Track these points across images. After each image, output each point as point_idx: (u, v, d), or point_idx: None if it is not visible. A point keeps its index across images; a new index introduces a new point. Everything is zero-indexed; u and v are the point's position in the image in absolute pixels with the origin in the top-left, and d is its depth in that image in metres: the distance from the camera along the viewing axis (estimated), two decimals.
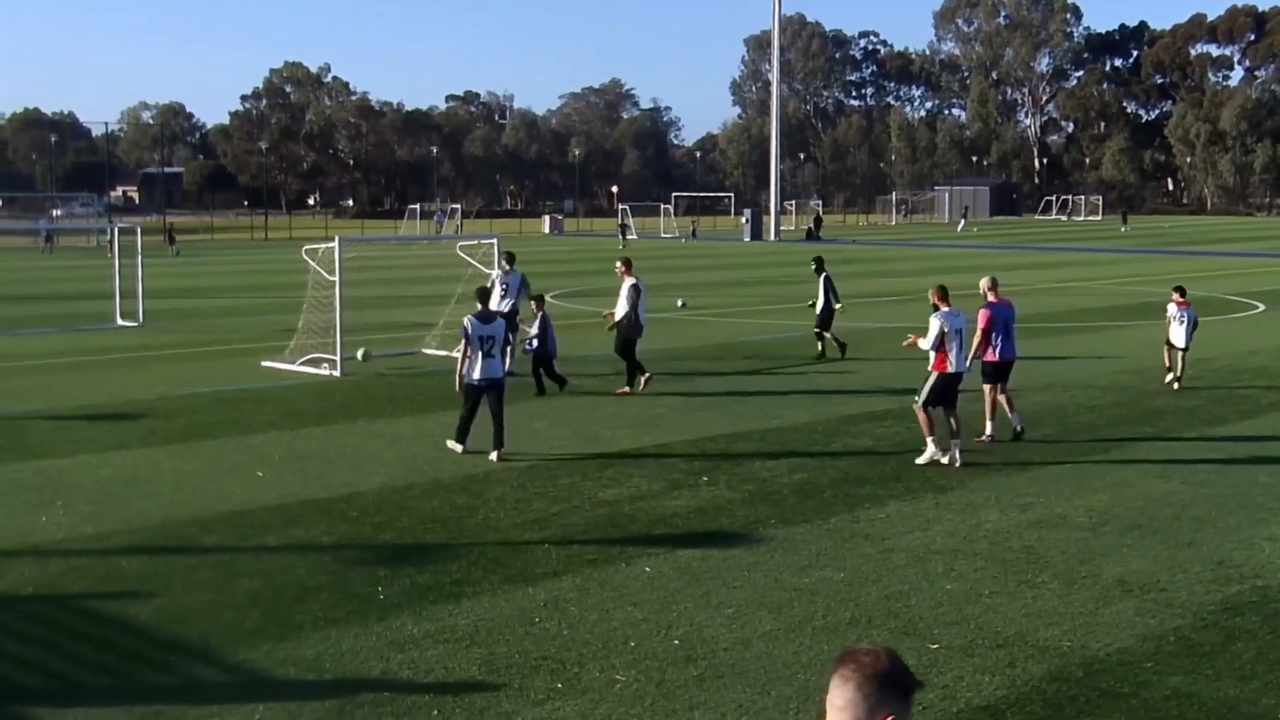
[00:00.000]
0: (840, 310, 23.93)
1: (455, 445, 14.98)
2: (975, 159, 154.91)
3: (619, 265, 20.39)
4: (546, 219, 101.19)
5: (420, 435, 16.07)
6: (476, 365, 14.82)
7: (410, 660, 8.48)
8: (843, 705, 2.97)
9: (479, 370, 14.82)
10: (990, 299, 15.99)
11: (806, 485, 13.43)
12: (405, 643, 8.78)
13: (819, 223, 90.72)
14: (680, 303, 32.04)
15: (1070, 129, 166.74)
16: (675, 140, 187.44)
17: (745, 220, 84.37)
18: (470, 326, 14.83)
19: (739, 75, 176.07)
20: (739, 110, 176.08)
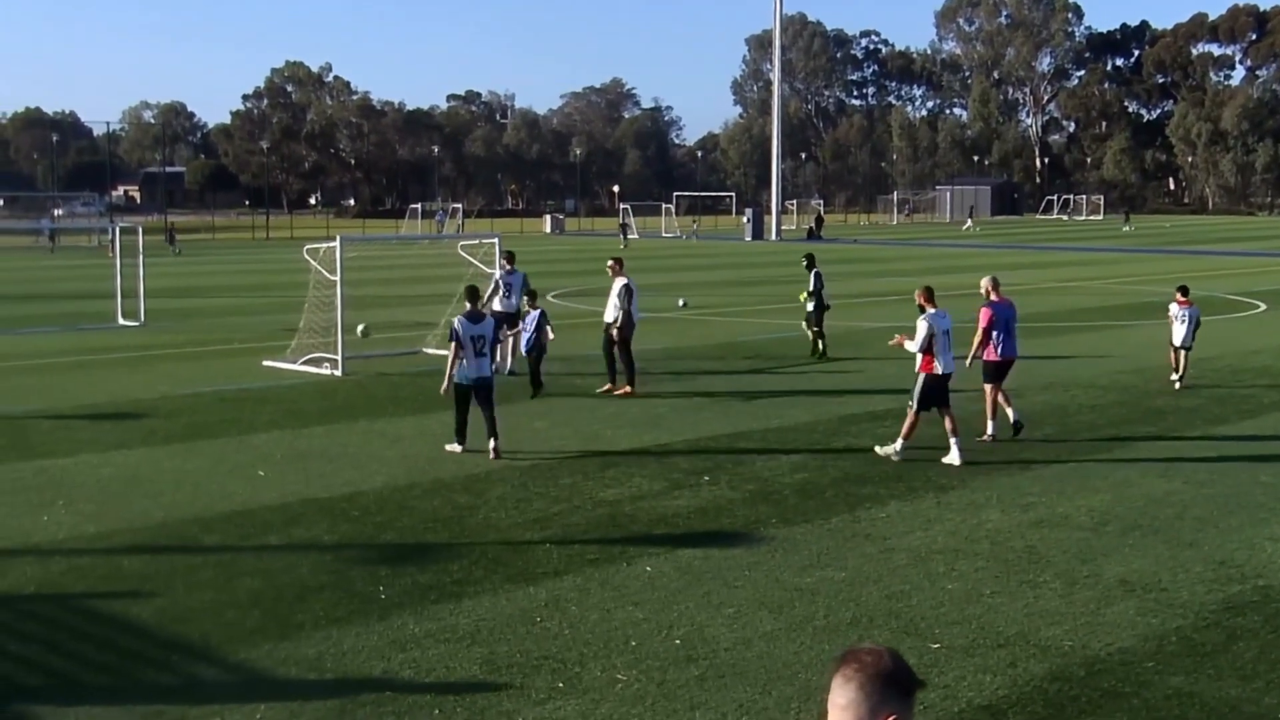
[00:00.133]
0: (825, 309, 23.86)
1: (455, 446, 14.99)
2: (976, 158, 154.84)
3: (610, 264, 20.36)
4: (548, 218, 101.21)
5: (422, 435, 16.07)
6: (469, 365, 14.83)
7: (412, 660, 8.48)
8: (845, 705, 2.97)
9: (470, 370, 14.84)
10: (992, 298, 16.01)
11: (808, 485, 13.43)
12: (407, 642, 8.79)
13: (820, 222, 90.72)
14: (681, 302, 32.04)
15: (1071, 128, 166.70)
16: (676, 140, 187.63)
17: (746, 220, 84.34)
18: (460, 327, 14.83)
19: (740, 75, 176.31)
20: (740, 110, 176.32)
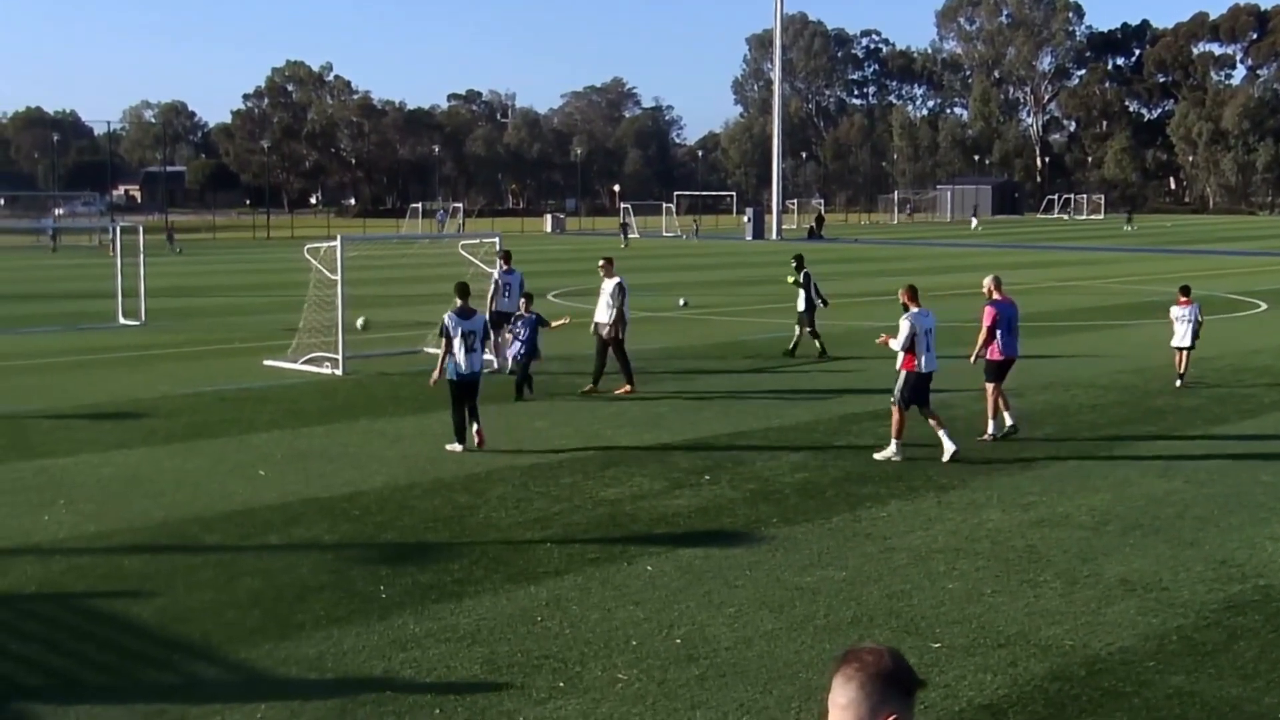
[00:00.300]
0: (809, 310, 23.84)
1: (455, 446, 14.99)
2: (977, 158, 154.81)
3: (601, 263, 20.26)
4: (548, 218, 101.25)
5: (422, 434, 16.06)
6: (459, 361, 14.89)
7: (412, 659, 8.48)
8: (845, 704, 2.97)
9: (461, 366, 14.91)
10: (995, 297, 16.03)
11: (808, 484, 13.43)
12: (407, 642, 8.79)
13: (821, 222, 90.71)
14: (682, 301, 32.05)
15: (1072, 128, 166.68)
16: (677, 139, 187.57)
17: (747, 219, 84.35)
18: (450, 323, 14.90)
19: (741, 74, 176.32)
20: (741, 109, 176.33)
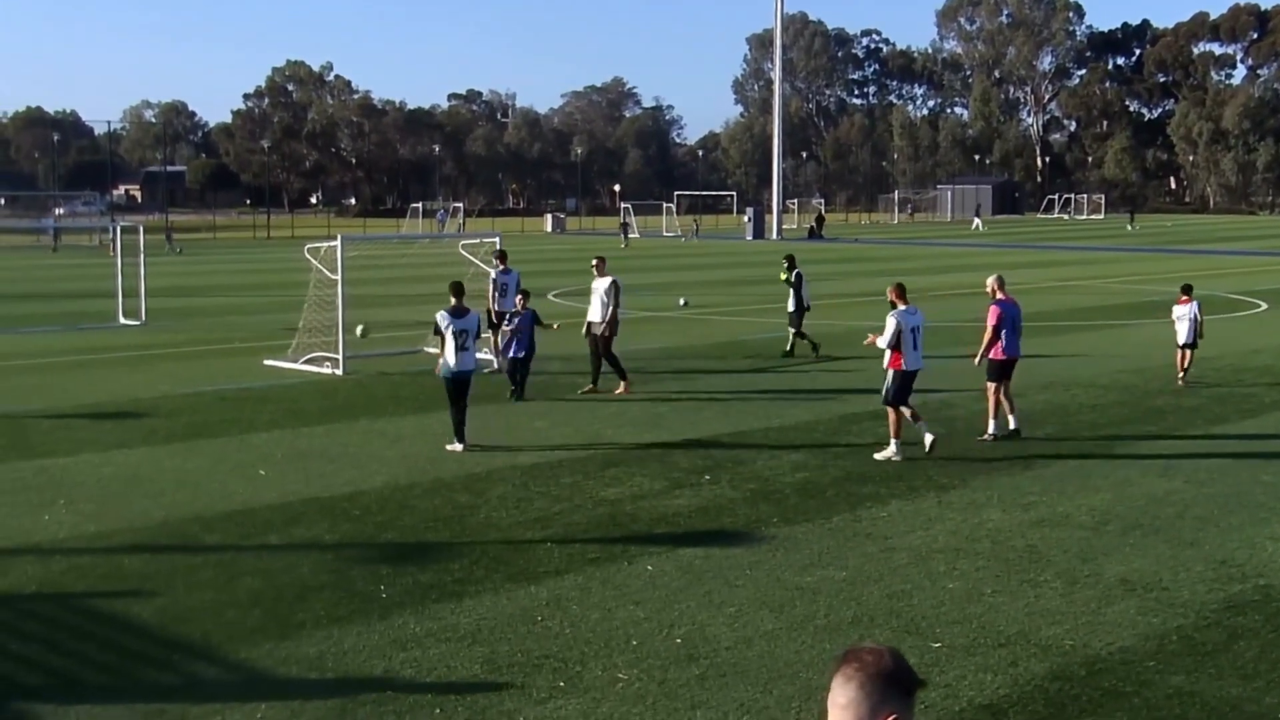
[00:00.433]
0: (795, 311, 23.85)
1: (455, 446, 15.00)
2: (978, 157, 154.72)
3: (594, 263, 20.20)
4: (549, 218, 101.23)
5: (422, 434, 16.06)
6: (451, 359, 14.96)
7: (412, 659, 8.48)
8: (845, 704, 2.97)
9: (453, 364, 15.02)
10: (999, 296, 16.05)
11: (809, 484, 13.43)
12: (407, 641, 8.79)
13: (821, 221, 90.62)
14: (682, 301, 32.04)
15: (1072, 127, 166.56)
16: (677, 139, 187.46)
17: (747, 219, 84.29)
18: (443, 321, 14.98)
19: (741, 74, 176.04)
20: (741, 109, 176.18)
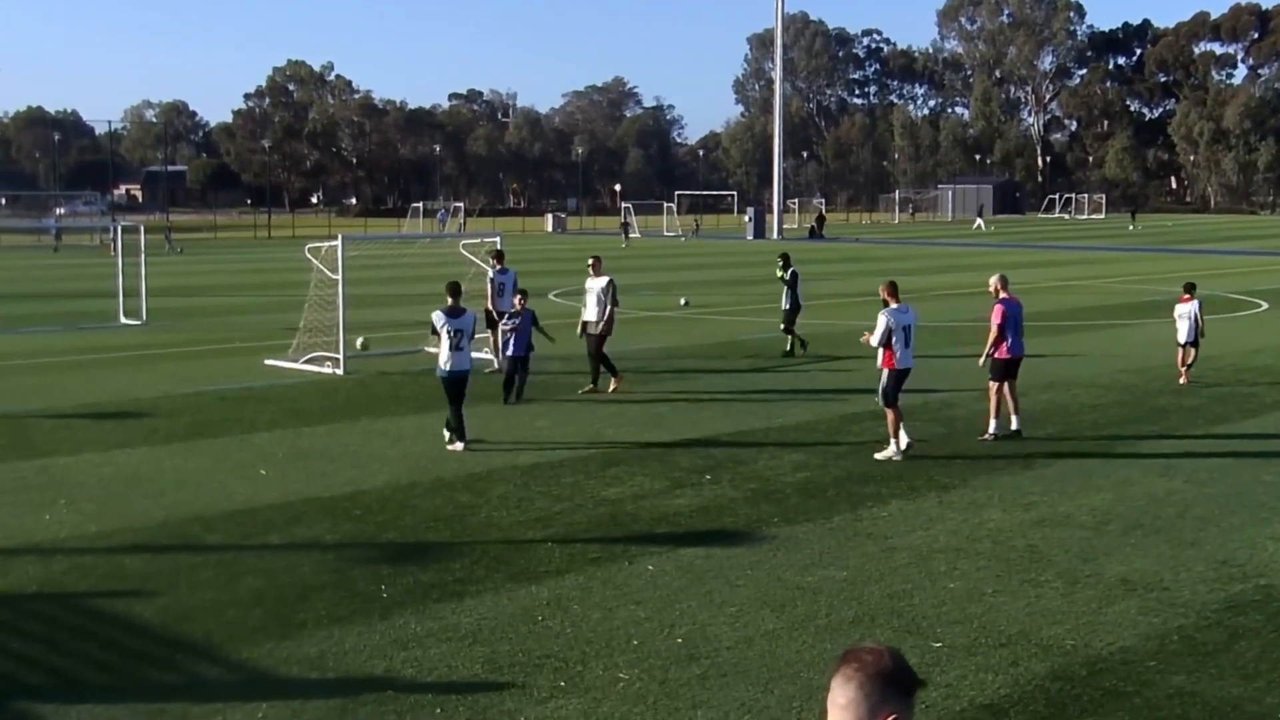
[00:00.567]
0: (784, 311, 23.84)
1: (456, 445, 15.01)
2: (978, 157, 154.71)
3: (590, 262, 20.12)
4: (549, 217, 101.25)
5: (423, 433, 16.06)
6: (446, 358, 15.00)
7: (413, 659, 8.49)
8: (845, 704, 2.97)
9: (449, 363, 15.05)
10: (1002, 295, 16.07)
11: (809, 484, 13.43)
12: (408, 641, 8.79)
13: (822, 221, 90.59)
14: (683, 301, 32.04)
15: (1073, 127, 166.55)
16: (678, 139, 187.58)
17: (748, 219, 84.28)
18: (438, 320, 15.04)
19: (742, 74, 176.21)
20: (742, 109, 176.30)
